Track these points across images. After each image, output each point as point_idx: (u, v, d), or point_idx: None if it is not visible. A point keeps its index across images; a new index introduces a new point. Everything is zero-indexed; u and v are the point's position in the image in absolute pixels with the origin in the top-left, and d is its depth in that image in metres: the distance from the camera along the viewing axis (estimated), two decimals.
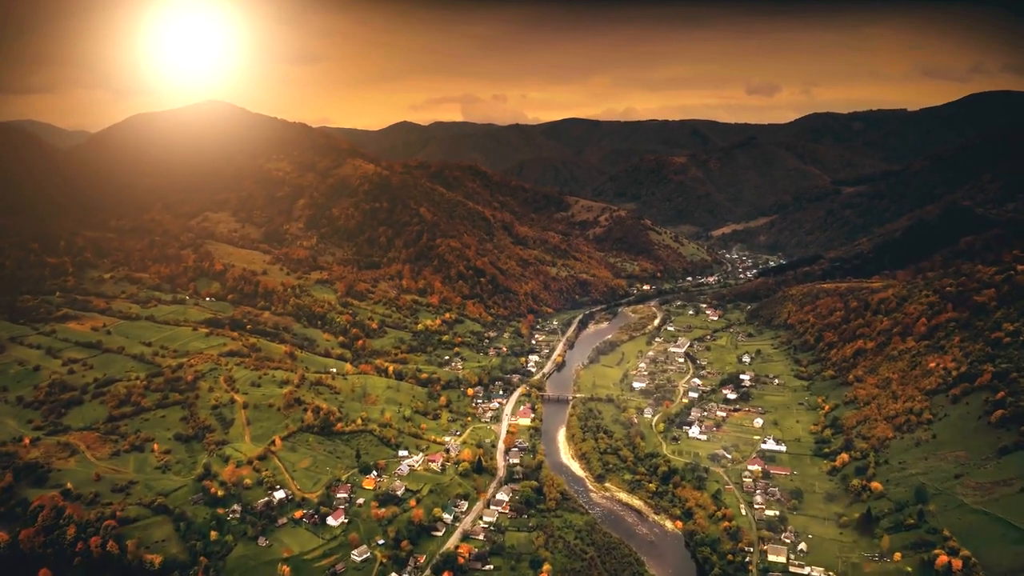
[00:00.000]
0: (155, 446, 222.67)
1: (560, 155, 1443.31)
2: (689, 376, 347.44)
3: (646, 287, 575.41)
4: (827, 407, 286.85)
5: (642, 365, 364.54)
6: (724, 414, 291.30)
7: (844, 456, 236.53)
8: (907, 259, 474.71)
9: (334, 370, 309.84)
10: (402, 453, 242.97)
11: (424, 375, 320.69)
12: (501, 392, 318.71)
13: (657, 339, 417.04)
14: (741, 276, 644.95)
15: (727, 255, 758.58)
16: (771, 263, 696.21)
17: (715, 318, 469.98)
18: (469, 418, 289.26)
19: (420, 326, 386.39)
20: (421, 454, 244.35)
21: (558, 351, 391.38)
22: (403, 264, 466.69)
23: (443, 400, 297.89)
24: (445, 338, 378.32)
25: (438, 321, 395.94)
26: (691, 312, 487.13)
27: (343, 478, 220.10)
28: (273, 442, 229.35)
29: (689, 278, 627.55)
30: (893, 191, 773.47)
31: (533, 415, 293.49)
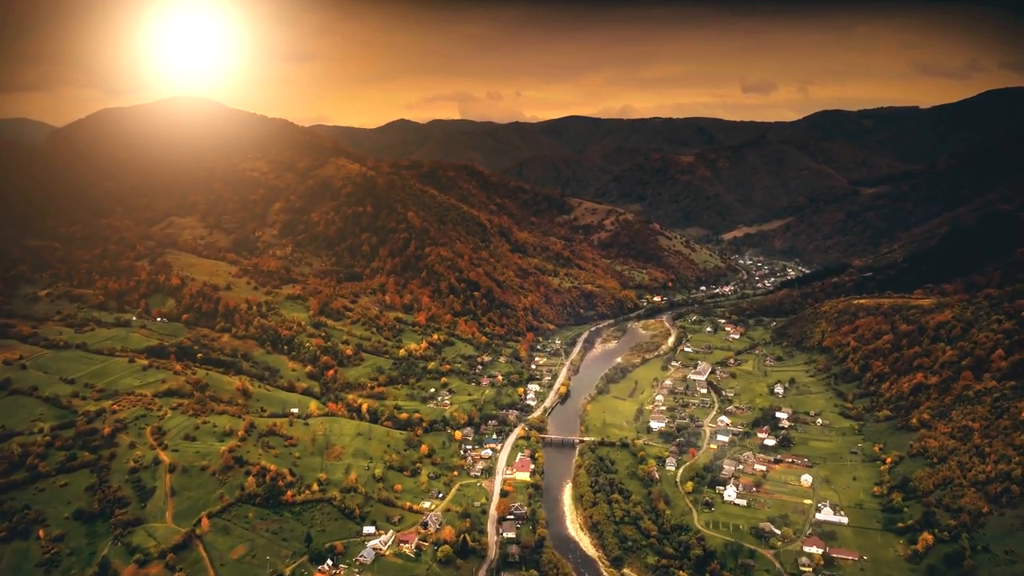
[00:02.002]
0: (41, 532, 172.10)
1: (561, 154, 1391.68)
2: (715, 413, 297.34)
3: (657, 299, 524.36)
4: (888, 459, 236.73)
5: (659, 398, 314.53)
6: (763, 467, 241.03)
7: (927, 536, 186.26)
8: (950, 271, 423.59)
9: (295, 411, 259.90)
10: (368, 530, 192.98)
11: (404, 415, 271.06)
12: (495, 435, 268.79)
13: (674, 363, 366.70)
14: (759, 285, 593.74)
15: (740, 261, 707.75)
16: (790, 271, 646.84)
17: (736, 336, 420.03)
18: (455, 472, 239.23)
19: (403, 351, 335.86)
20: (392, 530, 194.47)
21: (561, 378, 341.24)
22: (387, 276, 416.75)
23: (424, 449, 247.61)
24: (431, 365, 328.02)
25: (424, 344, 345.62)
26: (709, 329, 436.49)
27: (287, 573, 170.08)
28: (199, 522, 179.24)
29: (703, 288, 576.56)
30: (917, 192, 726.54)
31: (533, 466, 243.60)
